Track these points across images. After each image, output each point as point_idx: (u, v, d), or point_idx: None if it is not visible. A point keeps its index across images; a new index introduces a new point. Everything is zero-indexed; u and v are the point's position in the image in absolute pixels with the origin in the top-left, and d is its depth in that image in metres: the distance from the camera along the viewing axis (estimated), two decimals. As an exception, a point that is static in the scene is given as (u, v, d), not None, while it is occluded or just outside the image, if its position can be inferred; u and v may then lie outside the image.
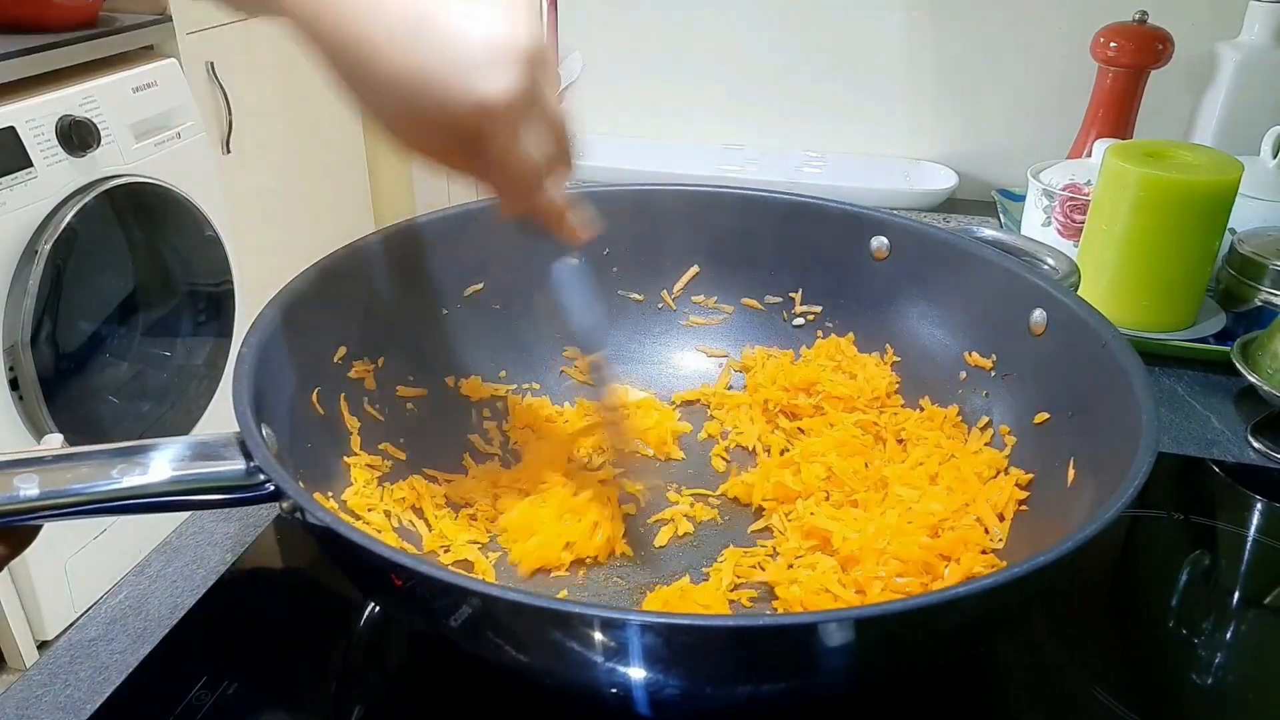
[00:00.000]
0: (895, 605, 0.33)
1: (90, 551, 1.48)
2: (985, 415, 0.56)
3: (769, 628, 0.34)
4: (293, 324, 0.49)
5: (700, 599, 0.47)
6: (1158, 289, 0.74)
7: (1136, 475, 0.38)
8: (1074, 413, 0.50)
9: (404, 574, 0.35)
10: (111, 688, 0.45)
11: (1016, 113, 1.17)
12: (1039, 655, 0.48)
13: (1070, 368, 0.51)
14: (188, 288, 1.63)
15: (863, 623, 0.33)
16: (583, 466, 0.57)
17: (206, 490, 0.39)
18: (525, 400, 0.62)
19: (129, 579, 0.52)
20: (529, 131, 0.38)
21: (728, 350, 0.66)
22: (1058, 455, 0.50)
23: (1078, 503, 0.46)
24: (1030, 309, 0.54)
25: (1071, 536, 0.35)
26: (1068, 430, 0.50)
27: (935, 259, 0.59)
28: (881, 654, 0.37)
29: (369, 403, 0.55)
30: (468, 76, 0.35)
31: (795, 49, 1.21)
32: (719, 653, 0.35)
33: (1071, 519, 0.43)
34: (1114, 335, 0.49)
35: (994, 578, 0.34)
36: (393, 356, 0.57)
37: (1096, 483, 0.45)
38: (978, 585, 0.33)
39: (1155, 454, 0.40)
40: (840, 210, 0.62)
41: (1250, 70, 0.95)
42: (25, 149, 1.29)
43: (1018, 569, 0.34)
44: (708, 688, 0.37)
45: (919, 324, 0.60)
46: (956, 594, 0.33)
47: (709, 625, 0.34)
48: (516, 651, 0.38)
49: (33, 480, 0.37)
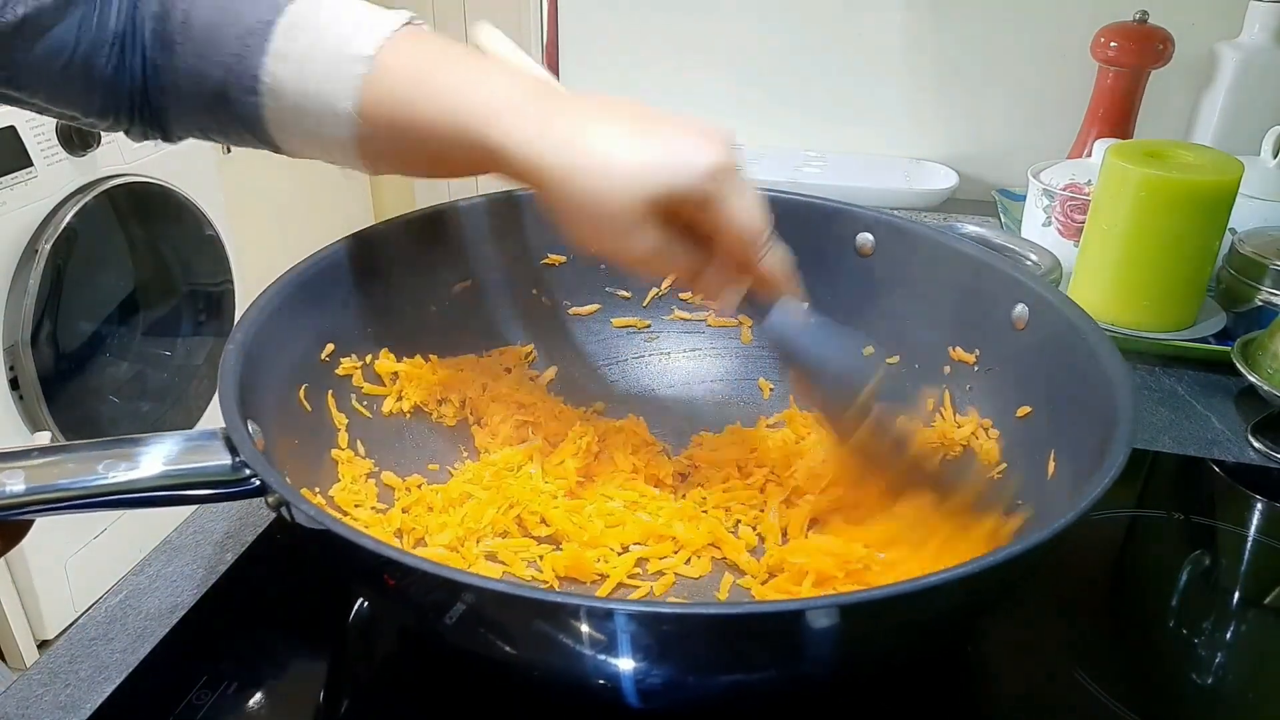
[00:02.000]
0: (875, 592, 0.34)
1: (90, 551, 1.48)
2: (971, 407, 0.56)
3: (753, 615, 0.34)
4: (280, 320, 0.49)
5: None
6: (1158, 289, 0.74)
7: (1111, 467, 0.39)
8: (1055, 406, 0.50)
9: (391, 568, 0.35)
10: (112, 687, 0.45)
11: (1017, 112, 1.17)
12: (1039, 654, 0.48)
13: (1051, 362, 0.51)
14: (188, 287, 1.63)
15: (846, 609, 0.33)
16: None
17: (193, 485, 0.39)
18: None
19: (129, 578, 0.52)
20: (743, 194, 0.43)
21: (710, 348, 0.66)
22: (1039, 449, 0.50)
23: (1058, 495, 0.46)
24: (1012, 304, 0.54)
25: (1048, 526, 0.35)
26: (1049, 423, 0.51)
27: (919, 255, 0.59)
28: (863, 641, 0.37)
29: (356, 400, 0.55)
30: (696, 151, 0.41)
31: (795, 48, 1.21)
32: (705, 641, 0.35)
33: (1052, 511, 0.44)
34: (1093, 329, 0.49)
35: (970, 565, 0.34)
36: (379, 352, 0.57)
37: (1076, 475, 0.45)
38: (955, 573, 0.34)
39: (1130, 447, 0.40)
40: (825, 206, 0.62)
41: (1251, 70, 0.95)
42: (25, 148, 1.29)
43: (994, 556, 0.34)
44: (695, 677, 0.37)
45: (903, 319, 0.60)
46: (935, 581, 0.33)
47: (693, 613, 0.34)
48: (502, 642, 0.38)
49: (18, 476, 0.37)
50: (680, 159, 0.41)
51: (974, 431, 0.55)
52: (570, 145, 0.41)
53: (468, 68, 0.44)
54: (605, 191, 0.41)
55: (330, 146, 0.46)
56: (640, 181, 0.41)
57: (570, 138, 0.42)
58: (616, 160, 0.41)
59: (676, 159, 0.41)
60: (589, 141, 0.41)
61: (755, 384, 0.65)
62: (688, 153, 0.41)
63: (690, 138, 0.42)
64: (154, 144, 0.54)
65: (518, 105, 0.43)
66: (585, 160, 0.41)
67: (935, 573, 0.33)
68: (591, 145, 0.41)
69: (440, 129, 0.43)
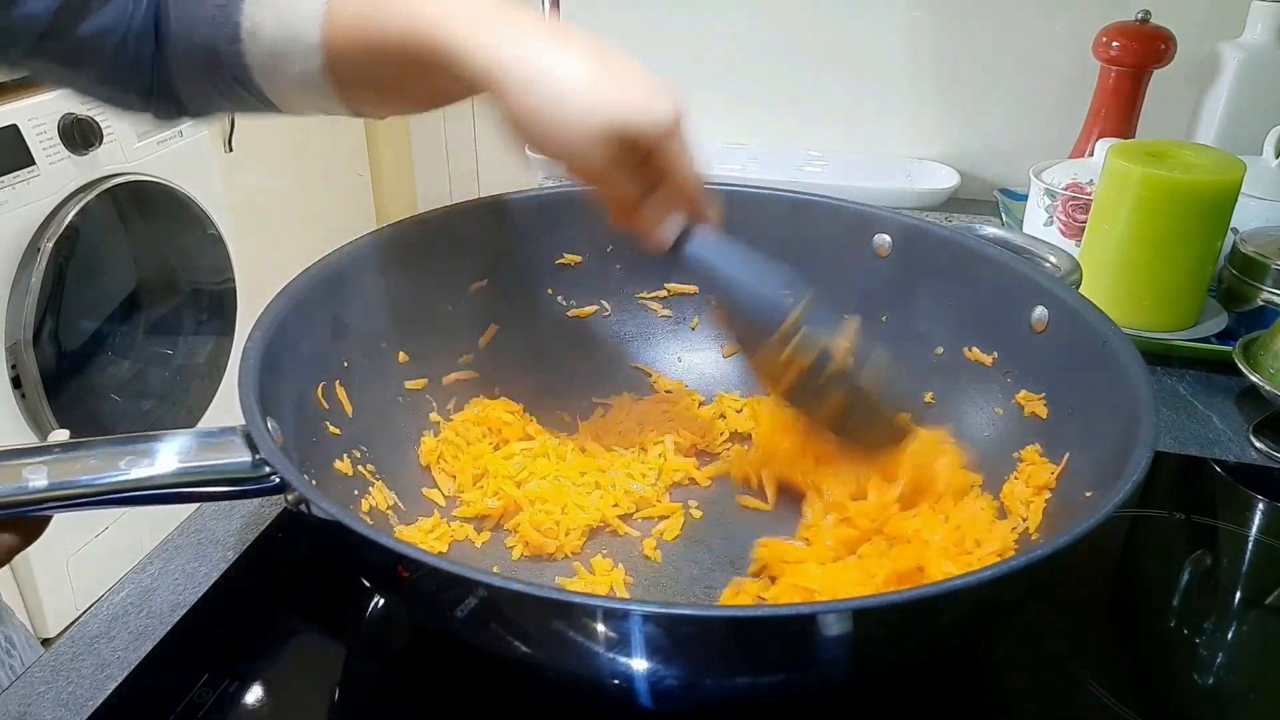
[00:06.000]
0: (893, 597, 0.34)
1: (92, 549, 1.48)
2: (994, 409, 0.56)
3: (768, 618, 0.34)
4: (298, 318, 0.49)
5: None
6: (1160, 289, 0.74)
7: (1134, 472, 0.39)
8: (1074, 410, 0.50)
9: (408, 565, 0.36)
10: (113, 685, 0.45)
11: (1018, 112, 1.16)
12: (1039, 653, 0.48)
13: (1071, 365, 0.51)
14: (189, 286, 1.63)
15: (860, 614, 0.33)
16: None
17: (212, 482, 0.39)
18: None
19: (131, 576, 0.52)
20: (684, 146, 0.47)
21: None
22: (1058, 452, 0.50)
23: (1076, 499, 0.46)
24: (1032, 307, 0.54)
25: (1068, 531, 0.35)
26: (1068, 427, 0.50)
27: (937, 256, 0.59)
28: (880, 645, 0.37)
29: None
30: (654, 103, 0.44)
31: (797, 48, 1.21)
32: (719, 643, 0.35)
33: (1070, 515, 0.44)
34: (1115, 332, 0.49)
35: (989, 571, 0.34)
36: (395, 351, 0.57)
37: (1095, 479, 0.45)
38: (973, 578, 0.33)
39: (1153, 451, 0.40)
40: (842, 208, 0.62)
41: (1252, 70, 0.95)
42: (28, 147, 1.29)
43: (1013, 562, 0.34)
44: (708, 678, 0.37)
45: (920, 321, 0.60)
46: (953, 586, 0.33)
47: (709, 615, 0.34)
48: (519, 642, 0.38)
49: (41, 471, 0.38)
50: (640, 104, 0.43)
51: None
52: (528, 61, 0.43)
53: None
54: (564, 112, 0.43)
55: (308, 87, 0.48)
56: (599, 114, 0.43)
57: (527, 55, 0.43)
58: (575, 86, 0.43)
59: (635, 103, 0.43)
60: (548, 60, 0.43)
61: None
62: (648, 100, 0.43)
63: (648, 86, 0.44)
64: (156, 142, 0.56)
65: (473, 13, 0.44)
66: (545, 78, 0.43)
67: (950, 579, 0.33)
68: (551, 64, 0.43)
69: (399, 43, 0.45)
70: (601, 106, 0.43)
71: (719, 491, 0.58)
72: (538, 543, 0.52)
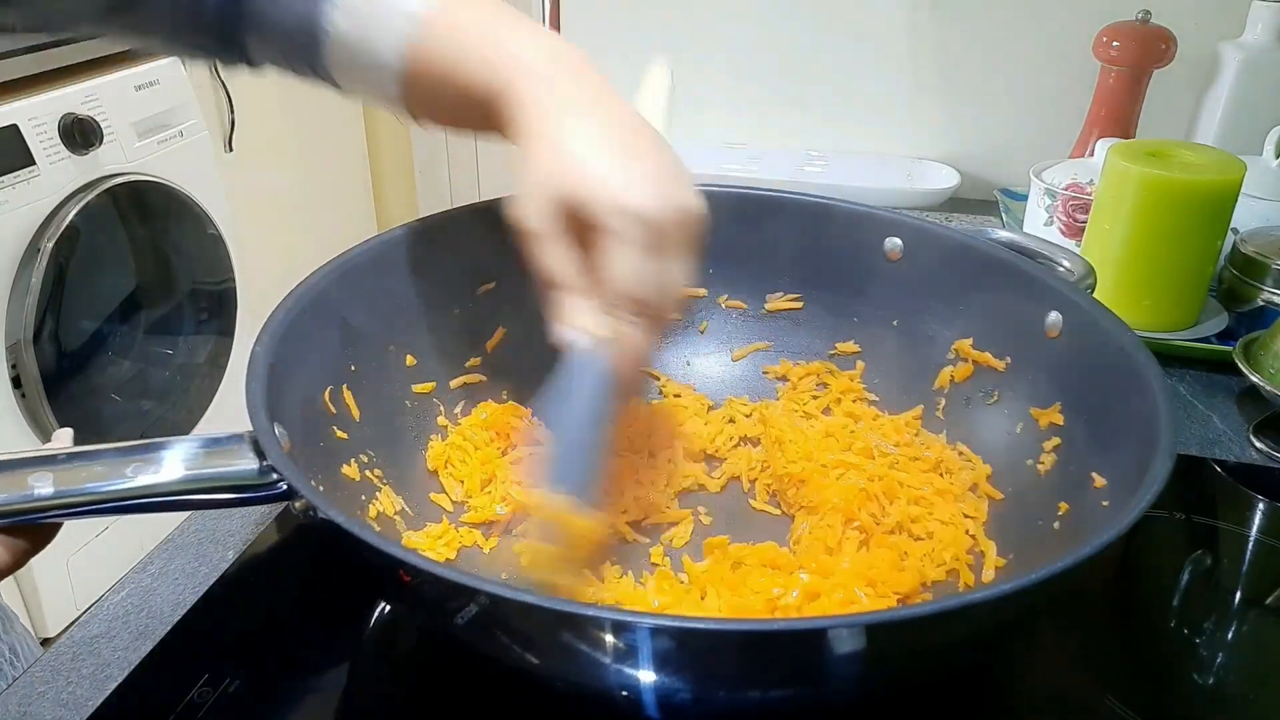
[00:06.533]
0: (906, 611, 0.33)
1: (92, 549, 1.48)
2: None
3: (781, 632, 0.34)
4: (305, 322, 0.49)
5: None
6: (1160, 289, 0.74)
7: (1154, 481, 0.38)
8: (1088, 416, 0.50)
9: (414, 573, 0.35)
10: (113, 685, 0.45)
11: (1019, 112, 1.17)
12: (1039, 653, 0.48)
13: (1085, 371, 0.50)
14: (189, 286, 1.63)
15: (874, 628, 0.33)
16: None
17: (219, 489, 0.39)
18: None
19: (131, 576, 0.52)
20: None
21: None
22: (1076, 459, 0.49)
23: (1094, 509, 0.45)
24: (1045, 312, 0.53)
25: (1089, 542, 0.34)
26: (1081, 433, 0.50)
27: (949, 260, 0.58)
28: (894, 660, 0.37)
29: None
30: (680, 187, 0.43)
31: (797, 47, 1.21)
32: (730, 656, 0.34)
33: (1087, 525, 0.43)
34: (1131, 339, 0.48)
35: (1007, 585, 0.33)
36: (403, 355, 0.57)
37: (1110, 487, 0.45)
38: (990, 593, 0.33)
39: (1174, 459, 0.39)
40: (853, 211, 0.61)
41: (1253, 70, 0.95)
42: (28, 147, 1.29)
43: (1032, 577, 0.33)
44: (718, 691, 0.37)
45: (931, 325, 0.59)
46: (969, 600, 0.32)
47: (721, 629, 0.34)
48: (526, 652, 0.37)
49: (47, 479, 0.37)
50: (667, 189, 0.42)
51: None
52: (561, 125, 0.44)
53: (501, 27, 0.47)
54: (534, 168, 0.43)
55: (381, 98, 0.50)
56: (557, 179, 0.42)
57: (564, 123, 0.44)
58: (574, 150, 0.43)
59: (604, 180, 0.42)
60: (570, 124, 0.44)
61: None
62: (628, 182, 0.42)
63: (648, 176, 0.42)
64: (156, 142, 0.56)
65: (541, 71, 0.45)
66: (558, 138, 0.43)
67: (966, 593, 0.33)
68: (572, 129, 0.43)
69: (466, 85, 0.46)
70: (570, 174, 0.42)
71: (729, 497, 0.57)
72: None
